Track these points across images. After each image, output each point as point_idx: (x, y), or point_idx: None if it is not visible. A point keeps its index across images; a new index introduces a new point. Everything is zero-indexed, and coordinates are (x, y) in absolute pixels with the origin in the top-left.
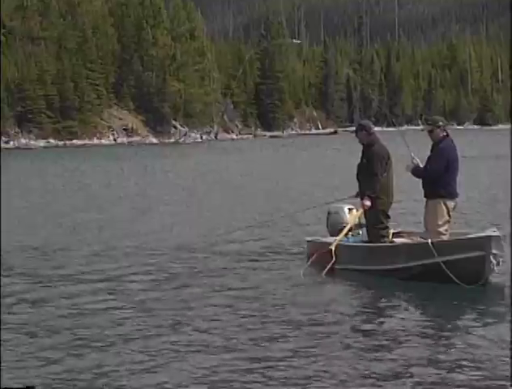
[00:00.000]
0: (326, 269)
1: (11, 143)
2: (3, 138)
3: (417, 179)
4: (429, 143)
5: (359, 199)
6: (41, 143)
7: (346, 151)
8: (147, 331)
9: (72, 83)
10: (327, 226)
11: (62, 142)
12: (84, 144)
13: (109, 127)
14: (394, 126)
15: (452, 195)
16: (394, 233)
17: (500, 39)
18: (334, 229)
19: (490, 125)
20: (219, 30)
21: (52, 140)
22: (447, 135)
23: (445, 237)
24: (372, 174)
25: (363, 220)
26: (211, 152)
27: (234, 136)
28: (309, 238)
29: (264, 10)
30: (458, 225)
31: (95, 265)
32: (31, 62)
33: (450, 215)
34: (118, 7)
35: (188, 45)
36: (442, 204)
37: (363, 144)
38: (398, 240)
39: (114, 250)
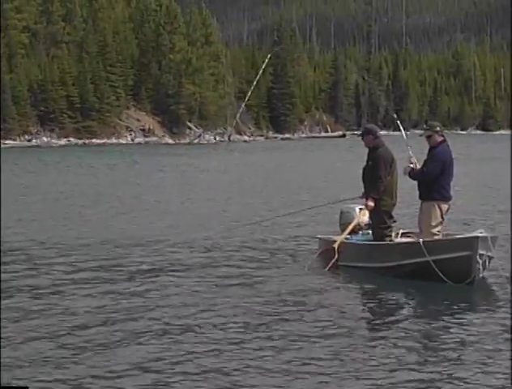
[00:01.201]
0: (329, 265)
1: (34, 141)
2: (26, 137)
3: (413, 181)
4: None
5: (364, 200)
6: (62, 141)
7: (353, 153)
8: (153, 324)
9: (92, 85)
10: (339, 224)
11: (82, 141)
12: (103, 143)
13: (127, 127)
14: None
15: (446, 198)
16: (403, 233)
17: (503, 49)
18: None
19: (492, 130)
20: (233, 36)
21: (72, 139)
22: (444, 140)
23: (437, 238)
24: (376, 176)
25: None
26: (227, 153)
27: (247, 138)
28: (319, 235)
29: (277, 18)
30: (451, 226)
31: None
32: (53, 65)
33: (443, 217)
34: (138, 14)
35: (203, 50)
36: (436, 206)
37: (369, 147)
38: (397, 239)
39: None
